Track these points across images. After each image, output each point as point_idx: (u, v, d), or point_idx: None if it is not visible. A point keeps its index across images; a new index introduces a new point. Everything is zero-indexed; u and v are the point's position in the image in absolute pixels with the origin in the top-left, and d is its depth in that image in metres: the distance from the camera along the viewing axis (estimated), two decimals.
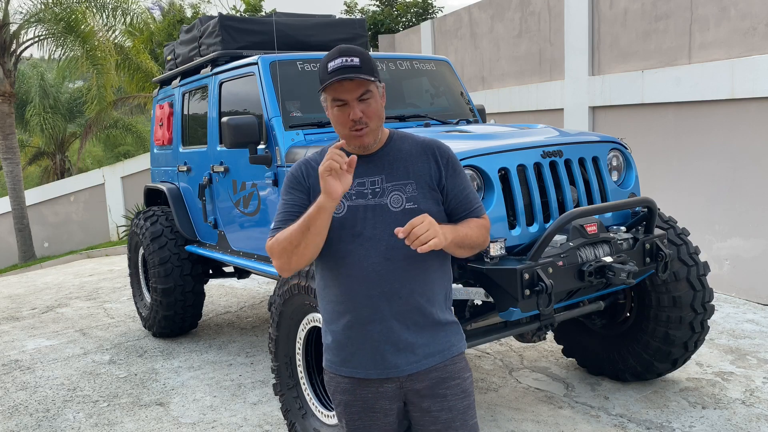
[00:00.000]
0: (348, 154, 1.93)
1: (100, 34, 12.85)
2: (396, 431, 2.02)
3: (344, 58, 1.82)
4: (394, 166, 1.94)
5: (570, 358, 4.45)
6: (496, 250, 2.91)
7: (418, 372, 1.93)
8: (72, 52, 12.77)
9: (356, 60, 1.83)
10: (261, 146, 4.07)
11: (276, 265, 1.92)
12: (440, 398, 1.94)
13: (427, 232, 1.73)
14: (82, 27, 12.41)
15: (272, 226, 1.98)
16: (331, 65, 1.83)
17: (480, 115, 4.98)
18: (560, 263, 3.02)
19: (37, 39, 13.30)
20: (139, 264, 5.94)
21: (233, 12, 16.27)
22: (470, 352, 4.74)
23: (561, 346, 4.44)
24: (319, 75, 1.89)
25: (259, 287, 7.35)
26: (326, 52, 2.00)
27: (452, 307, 2.06)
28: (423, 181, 1.93)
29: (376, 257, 1.88)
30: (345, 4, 18.92)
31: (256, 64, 4.23)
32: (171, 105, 5.65)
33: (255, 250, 4.51)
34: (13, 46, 13.34)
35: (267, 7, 17.45)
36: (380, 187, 1.92)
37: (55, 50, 13.08)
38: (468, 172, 3.02)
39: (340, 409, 2.03)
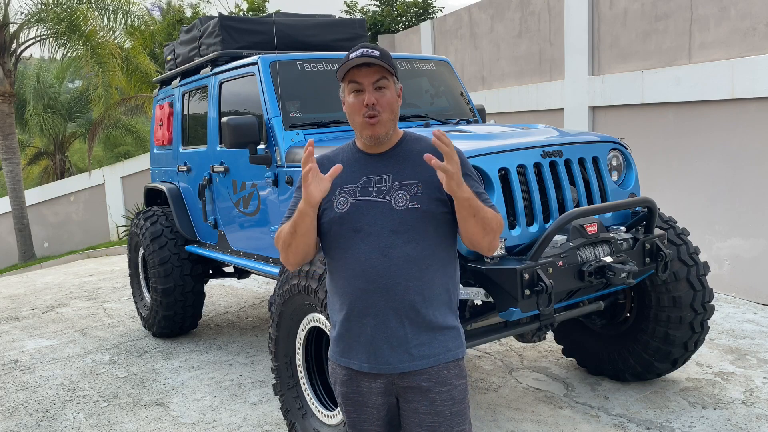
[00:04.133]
0: (359, 155, 2.01)
1: (101, 33, 12.85)
2: (390, 426, 2.05)
3: (365, 50, 1.92)
4: (402, 166, 1.97)
5: (570, 358, 4.45)
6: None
7: (409, 372, 1.95)
8: (75, 52, 12.77)
9: (376, 52, 1.92)
10: (261, 146, 4.07)
11: (281, 258, 2.02)
12: (429, 402, 1.95)
13: (452, 161, 1.74)
14: (84, 27, 12.41)
15: (282, 221, 2.06)
16: (352, 55, 1.92)
17: (480, 115, 4.98)
18: (560, 263, 3.02)
19: (38, 39, 13.31)
20: (139, 264, 5.94)
21: (236, 11, 16.27)
22: (470, 352, 4.75)
23: (561, 346, 4.44)
24: (339, 68, 1.96)
25: (259, 287, 7.35)
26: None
27: (457, 311, 2.04)
28: (430, 182, 1.93)
29: (374, 253, 1.91)
30: (345, 4, 18.92)
31: (256, 64, 4.23)
32: (171, 105, 5.65)
33: (255, 250, 4.51)
34: (13, 46, 13.35)
35: (271, 8, 17.37)
36: (386, 186, 1.95)
37: (57, 50, 13.08)
38: None
39: (339, 400, 2.07)
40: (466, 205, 1.83)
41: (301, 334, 3.34)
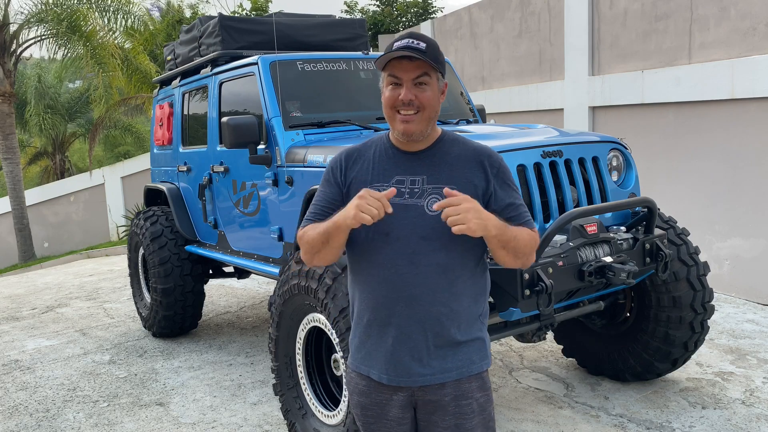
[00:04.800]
0: (393, 151, 1.88)
1: (102, 33, 12.87)
2: None
3: (411, 40, 1.78)
4: (438, 169, 1.84)
5: (570, 358, 4.45)
6: None
7: (430, 385, 1.86)
8: (75, 52, 12.78)
9: (422, 45, 1.78)
10: (261, 146, 4.07)
11: (301, 255, 1.91)
12: (449, 415, 1.87)
13: (458, 216, 1.64)
14: (84, 27, 12.42)
15: (306, 215, 1.94)
16: (397, 44, 1.78)
17: (480, 115, 4.98)
18: (560, 263, 3.02)
19: (38, 39, 13.32)
20: (139, 264, 5.94)
21: (238, 11, 16.27)
22: None
23: (561, 346, 4.44)
24: (381, 56, 1.84)
25: (259, 287, 7.35)
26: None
27: (485, 321, 1.94)
28: (467, 189, 1.80)
29: (401, 260, 1.80)
30: (345, 3, 18.93)
31: (256, 64, 4.23)
32: (171, 105, 5.65)
33: (255, 250, 4.51)
34: (13, 46, 13.35)
35: (273, 8, 17.38)
36: (419, 188, 1.82)
37: (57, 50, 13.09)
38: None
39: (356, 411, 1.98)
40: (495, 241, 1.74)
41: (301, 334, 3.34)
